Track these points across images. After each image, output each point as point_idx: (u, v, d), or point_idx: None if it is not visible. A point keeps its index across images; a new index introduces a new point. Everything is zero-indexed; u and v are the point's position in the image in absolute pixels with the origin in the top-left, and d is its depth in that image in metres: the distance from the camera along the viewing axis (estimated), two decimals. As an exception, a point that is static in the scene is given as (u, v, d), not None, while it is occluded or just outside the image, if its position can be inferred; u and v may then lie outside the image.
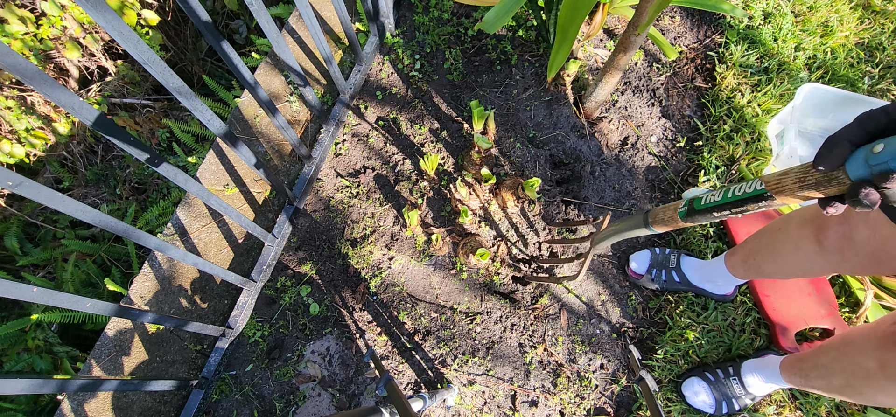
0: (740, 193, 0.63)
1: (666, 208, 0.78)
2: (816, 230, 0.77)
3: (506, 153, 1.45)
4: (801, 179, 0.55)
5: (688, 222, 0.73)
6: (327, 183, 1.47)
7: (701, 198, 0.69)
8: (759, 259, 0.97)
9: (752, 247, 1.00)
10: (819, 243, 0.77)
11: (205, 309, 1.33)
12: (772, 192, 0.59)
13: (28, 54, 1.70)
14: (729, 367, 1.15)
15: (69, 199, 0.71)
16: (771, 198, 0.59)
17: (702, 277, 1.22)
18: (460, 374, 1.27)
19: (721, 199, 0.66)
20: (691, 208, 0.71)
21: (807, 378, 0.92)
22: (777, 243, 0.90)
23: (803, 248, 0.81)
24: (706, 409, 1.15)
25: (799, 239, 0.82)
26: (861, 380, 0.76)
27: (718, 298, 1.24)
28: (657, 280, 1.25)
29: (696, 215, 0.70)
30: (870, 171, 0.46)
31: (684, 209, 0.72)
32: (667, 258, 1.26)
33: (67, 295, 0.76)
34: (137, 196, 2.02)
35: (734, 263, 1.08)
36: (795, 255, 0.84)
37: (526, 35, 1.58)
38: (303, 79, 1.20)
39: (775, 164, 1.29)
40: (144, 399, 1.24)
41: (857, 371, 0.77)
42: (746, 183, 0.62)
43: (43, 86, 0.62)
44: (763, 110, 1.43)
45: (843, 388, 0.81)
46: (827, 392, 0.87)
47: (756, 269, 1.00)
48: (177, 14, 2.14)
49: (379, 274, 1.37)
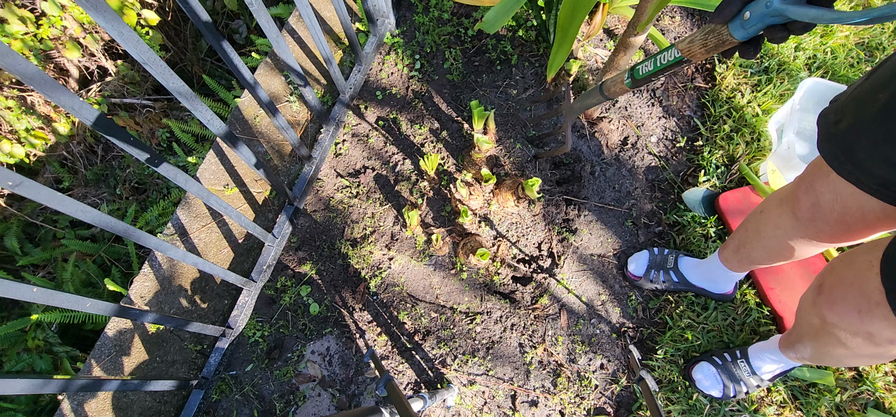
0: (665, 62, 0.79)
1: (614, 80, 0.95)
2: (791, 205, 0.81)
3: (506, 153, 1.46)
4: (704, 42, 0.70)
5: (633, 88, 0.90)
6: (327, 183, 1.47)
7: (639, 69, 0.86)
8: (748, 247, 0.99)
9: (741, 237, 1.02)
10: (795, 216, 0.81)
11: (205, 309, 1.33)
12: (686, 56, 0.75)
13: (28, 54, 1.70)
14: (736, 351, 1.16)
15: (69, 199, 0.71)
16: (688, 61, 0.75)
17: (700, 276, 1.22)
18: (460, 374, 1.27)
19: (653, 68, 0.83)
20: (633, 77, 0.88)
21: (796, 350, 0.95)
22: (761, 226, 0.93)
23: (783, 225, 0.85)
24: (715, 393, 1.16)
25: (778, 217, 0.86)
26: (815, 340, 0.81)
27: (718, 297, 1.24)
28: (656, 281, 1.26)
29: (637, 82, 0.88)
30: (745, 34, 0.62)
31: (629, 79, 0.90)
32: (665, 258, 1.26)
33: (67, 295, 0.76)
34: (137, 196, 2.02)
35: (727, 256, 1.09)
36: (777, 234, 0.88)
37: (526, 35, 1.58)
38: (303, 79, 1.20)
39: (774, 158, 1.29)
40: (144, 399, 1.24)
41: (809, 331, 0.82)
42: (667, 51, 0.78)
43: (43, 87, 0.62)
44: (763, 110, 1.43)
45: (815, 354, 0.86)
46: (812, 361, 0.91)
47: (747, 258, 1.02)
48: (177, 14, 2.14)
49: (379, 274, 1.37)
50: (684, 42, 0.74)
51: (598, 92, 1.01)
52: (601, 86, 1.00)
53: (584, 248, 1.36)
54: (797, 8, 0.55)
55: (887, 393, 1.18)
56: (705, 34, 0.70)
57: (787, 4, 0.57)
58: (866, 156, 0.61)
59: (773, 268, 1.25)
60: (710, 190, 1.37)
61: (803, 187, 0.77)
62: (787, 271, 1.25)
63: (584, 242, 1.37)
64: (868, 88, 0.62)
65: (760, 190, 1.30)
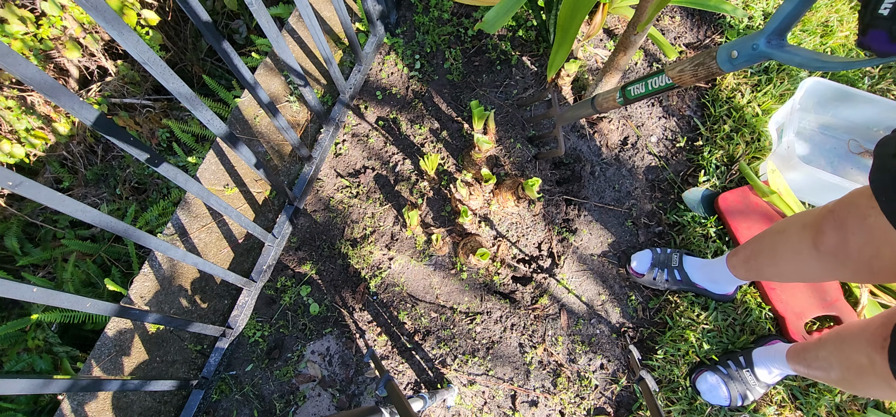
0: (656, 87, 0.85)
1: (606, 96, 1.00)
2: (814, 234, 0.78)
3: (506, 153, 1.46)
4: (694, 73, 0.76)
5: (624, 105, 0.96)
6: (327, 183, 1.47)
7: (630, 90, 0.91)
8: (760, 261, 0.98)
9: (754, 249, 1.00)
10: (816, 248, 0.78)
11: (205, 309, 1.33)
12: (676, 82, 0.80)
13: (28, 54, 1.70)
14: (740, 358, 1.16)
15: (69, 199, 0.71)
16: (678, 86, 0.80)
17: (704, 277, 1.22)
18: (460, 374, 1.27)
19: (644, 91, 0.88)
20: (625, 97, 0.93)
21: (809, 368, 0.96)
22: (778, 246, 0.91)
23: (802, 253, 0.83)
24: (722, 402, 1.16)
25: (798, 243, 0.83)
26: (855, 375, 0.80)
27: (719, 298, 1.24)
28: (659, 279, 1.26)
29: (629, 101, 0.94)
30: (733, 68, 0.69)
31: (621, 99, 0.95)
32: (668, 257, 1.26)
33: (67, 295, 0.76)
34: (137, 196, 2.02)
35: (736, 264, 1.08)
36: (795, 260, 0.86)
37: (526, 35, 1.58)
38: (303, 79, 1.20)
39: (773, 158, 1.30)
40: (144, 399, 1.24)
41: (851, 367, 0.80)
42: (658, 76, 0.84)
43: (43, 87, 0.62)
44: (763, 110, 1.43)
45: (840, 381, 0.86)
46: (827, 381, 0.92)
47: (757, 271, 1.01)
48: (177, 14, 2.14)
49: (379, 274, 1.37)
50: (674, 70, 0.79)
51: (589, 105, 1.05)
52: (593, 100, 1.04)
53: (584, 248, 1.36)
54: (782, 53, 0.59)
55: (887, 393, 1.18)
56: (695, 66, 0.75)
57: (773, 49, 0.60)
58: None
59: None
60: (709, 189, 1.37)
61: (832, 222, 0.73)
62: None
63: (584, 242, 1.37)
64: None
65: (760, 190, 1.30)
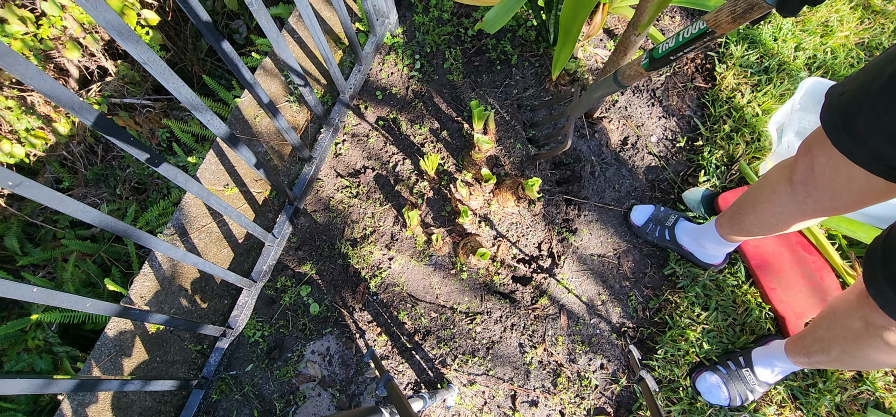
0: (688, 35, 0.75)
1: (631, 65, 0.88)
2: (789, 170, 0.82)
3: (506, 153, 1.45)
4: (732, 11, 0.67)
5: (651, 71, 0.84)
6: (327, 183, 1.47)
7: (658, 48, 0.80)
8: (741, 212, 1.01)
9: (739, 202, 1.03)
10: (790, 181, 0.82)
11: (205, 309, 1.33)
12: (712, 28, 0.71)
13: (28, 54, 1.70)
14: (739, 357, 1.17)
15: (69, 199, 0.71)
16: (713, 33, 0.71)
17: (691, 240, 1.24)
18: (460, 374, 1.27)
19: (674, 44, 0.77)
20: (651, 58, 0.82)
21: (809, 354, 0.96)
22: (757, 190, 0.94)
23: (778, 191, 0.86)
24: (722, 402, 1.16)
25: (776, 182, 0.87)
26: (853, 343, 0.81)
27: (704, 265, 1.27)
28: (651, 234, 1.31)
29: (656, 63, 0.81)
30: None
31: (646, 61, 0.83)
32: (666, 216, 1.30)
33: (67, 295, 0.76)
34: (137, 196, 2.02)
35: (722, 221, 1.10)
36: (771, 200, 0.89)
37: (526, 35, 1.58)
38: (303, 79, 1.20)
39: (773, 158, 1.30)
40: (144, 399, 1.24)
41: (848, 335, 0.82)
42: (691, 25, 0.75)
43: (43, 87, 0.62)
44: (763, 110, 1.43)
45: (842, 357, 0.86)
46: (829, 365, 0.92)
47: (739, 225, 1.03)
48: (177, 14, 2.14)
49: (379, 274, 1.37)
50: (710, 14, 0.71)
51: (612, 81, 0.96)
52: (616, 75, 0.95)
53: (584, 248, 1.36)
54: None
55: (887, 393, 1.18)
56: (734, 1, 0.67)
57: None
58: (866, 127, 0.62)
59: (774, 268, 1.25)
60: (709, 189, 1.37)
61: (802, 150, 0.79)
62: (787, 271, 1.25)
63: (584, 242, 1.37)
64: (876, 62, 0.62)
65: (760, 190, 1.30)
